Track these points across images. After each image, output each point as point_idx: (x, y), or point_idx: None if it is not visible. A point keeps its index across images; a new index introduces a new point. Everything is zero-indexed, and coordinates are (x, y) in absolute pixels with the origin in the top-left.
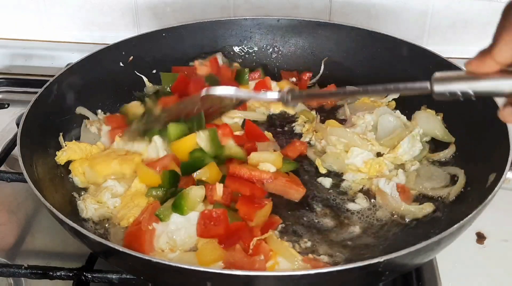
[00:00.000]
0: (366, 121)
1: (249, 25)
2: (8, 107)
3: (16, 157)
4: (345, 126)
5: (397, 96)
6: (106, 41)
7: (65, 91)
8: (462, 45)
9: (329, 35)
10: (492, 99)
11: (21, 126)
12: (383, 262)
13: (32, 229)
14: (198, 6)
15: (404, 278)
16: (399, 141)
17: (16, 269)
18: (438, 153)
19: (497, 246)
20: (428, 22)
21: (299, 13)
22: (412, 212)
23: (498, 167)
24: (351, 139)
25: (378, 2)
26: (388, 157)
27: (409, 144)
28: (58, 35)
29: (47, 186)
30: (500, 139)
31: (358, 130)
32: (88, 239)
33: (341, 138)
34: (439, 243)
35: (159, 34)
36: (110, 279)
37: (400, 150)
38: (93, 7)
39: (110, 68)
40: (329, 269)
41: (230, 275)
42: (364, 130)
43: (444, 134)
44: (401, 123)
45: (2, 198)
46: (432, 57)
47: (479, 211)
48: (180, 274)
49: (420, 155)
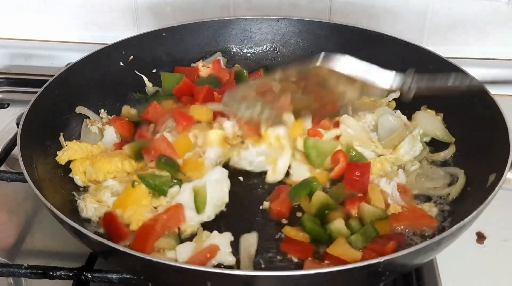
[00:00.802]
0: (367, 121)
1: (249, 25)
2: (8, 107)
3: (16, 157)
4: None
5: (397, 96)
6: (106, 41)
7: (65, 91)
8: (462, 45)
9: (329, 35)
10: (492, 99)
11: (21, 126)
12: (383, 262)
13: (32, 229)
14: (198, 6)
15: (404, 278)
16: (400, 142)
17: (16, 269)
18: (438, 153)
19: (497, 246)
20: (428, 22)
21: (299, 13)
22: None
23: (498, 167)
24: (359, 133)
25: (378, 2)
26: (390, 158)
27: (410, 145)
28: (58, 35)
29: (47, 186)
30: (500, 139)
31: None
32: (88, 239)
33: (349, 128)
34: (439, 243)
35: (159, 34)
36: (110, 279)
37: (401, 151)
38: (93, 7)
39: (110, 68)
40: (329, 269)
41: (230, 275)
42: (367, 130)
43: (444, 134)
44: (402, 124)
45: (2, 198)
46: (432, 57)
47: (480, 211)
48: (180, 274)
49: (420, 156)
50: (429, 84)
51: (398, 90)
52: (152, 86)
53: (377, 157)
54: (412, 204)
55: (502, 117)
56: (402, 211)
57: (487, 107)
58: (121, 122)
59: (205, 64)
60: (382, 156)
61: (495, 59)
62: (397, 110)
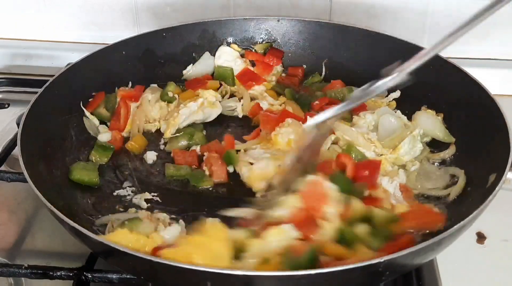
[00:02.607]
0: (367, 121)
1: (249, 25)
2: (8, 107)
3: (16, 157)
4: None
5: (398, 96)
6: (106, 41)
7: (65, 91)
8: (462, 45)
9: (329, 35)
10: (492, 99)
11: (21, 126)
12: (384, 262)
13: (32, 229)
14: (198, 6)
15: (404, 278)
16: (400, 142)
17: (16, 269)
18: (438, 154)
19: (498, 246)
20: (428, 22)
21: (299, 13)
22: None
23: (499, 168)
24: (355, 138)
25: (378, 2)
26: (390, 158)
27: (410, 145)
28: (58, 35)
29: (47, 186)
30: (500, 139)
31: (360, 131)
32: (88, 239)
33: (345, 135)
34: (439, 243)
35: (159, 34)
36: (110, 279)
37: (401, 151)
38: (93, 7)
39: (110, 68)
40: (329, 269)
41: (230, 275)
42: (367, 131)
43: (444, 135)
44: (402, 124)
45: (2, 198)
46: (432, 57)
47: (480, 211)
48: (180, 274)
49: (420, 155)
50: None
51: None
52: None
53: (377, 157)
54: (417, 203)
55: (502, 117)
56: (410, 210)
57: (487, 107)
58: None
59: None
60: (382, 156)
61: (496, 59)
62: (397, 110)
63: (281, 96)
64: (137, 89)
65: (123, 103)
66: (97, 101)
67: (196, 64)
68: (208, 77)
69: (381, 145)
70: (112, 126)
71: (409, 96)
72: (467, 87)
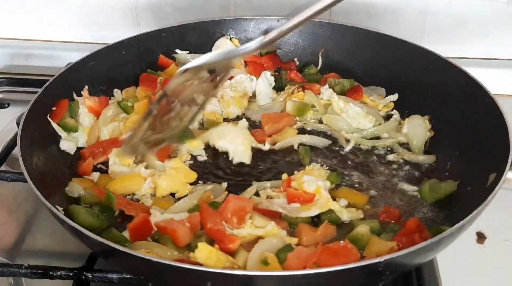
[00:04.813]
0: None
1: (249, 25)
2: (8, 107)
3: (16, 157)
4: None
5: (395, 98)
6: (106, 41)
7: (65, 91)
8: (462, 45)
9: (329, 35)
10: (492, 99)
11: (21, 126)
12: (383, 262)
13: (32, 229)
14: (198, 6)
15: (404, 278)
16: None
17: (16, 268)
18: (417, 155)
19: (497, 246)
20: (428, 21)
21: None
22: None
23: (498, 167)
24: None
25: (378, 2)
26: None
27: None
28: (58, 35)
29: (48, 186)
30: (500, 139)
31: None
32: (88, 239)
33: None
34: (439, 243)
35: (159, 34)
36: (110, 279)
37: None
38: (93, 7)
39: (110, 68)
40: (329, 269)
41: (230, 275)
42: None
43: (419, 147)
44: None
45: (2, 198)
46: (432, 57)
47: (480, 211)
48: (180, 274)
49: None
50: None
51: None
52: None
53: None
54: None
55: (502, 117)
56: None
57: (487, 107)
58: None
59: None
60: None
61: (495, 59)
62: (395, 110)
63: (281, 92)
64: (101, 101)
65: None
66: (62, 110)
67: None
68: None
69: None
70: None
71: (409, 96)
72: (467, 87)
